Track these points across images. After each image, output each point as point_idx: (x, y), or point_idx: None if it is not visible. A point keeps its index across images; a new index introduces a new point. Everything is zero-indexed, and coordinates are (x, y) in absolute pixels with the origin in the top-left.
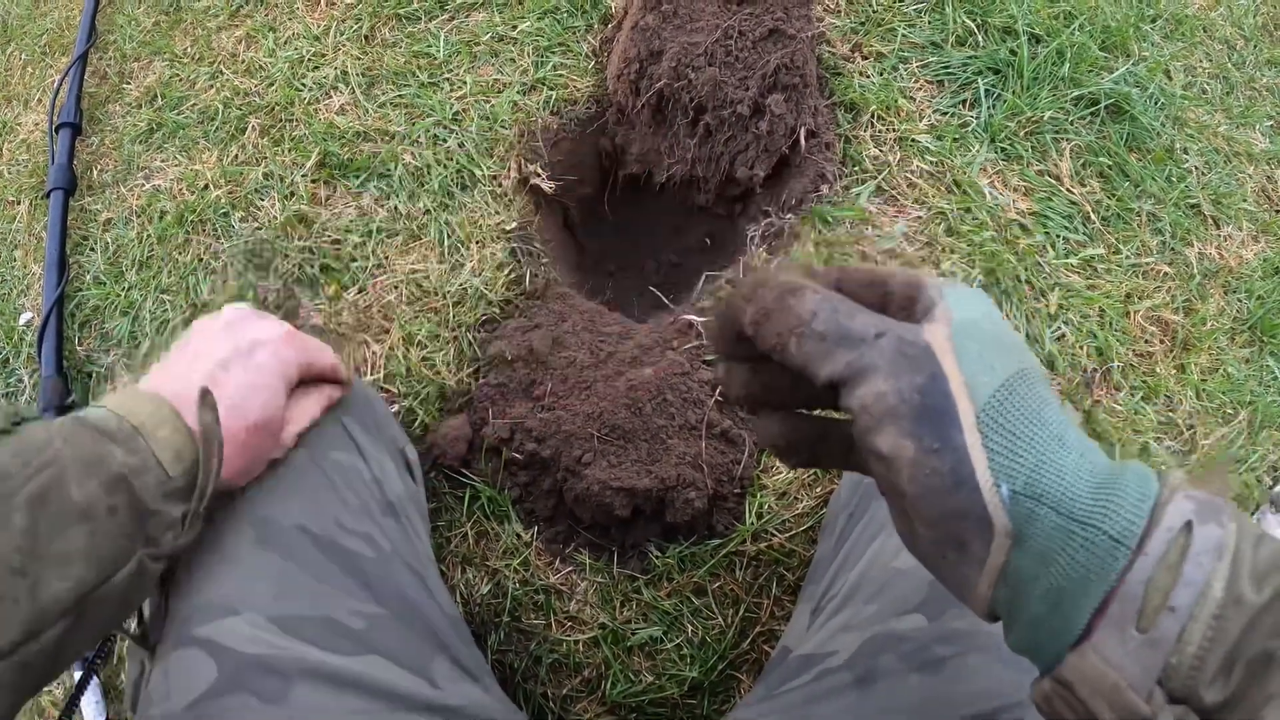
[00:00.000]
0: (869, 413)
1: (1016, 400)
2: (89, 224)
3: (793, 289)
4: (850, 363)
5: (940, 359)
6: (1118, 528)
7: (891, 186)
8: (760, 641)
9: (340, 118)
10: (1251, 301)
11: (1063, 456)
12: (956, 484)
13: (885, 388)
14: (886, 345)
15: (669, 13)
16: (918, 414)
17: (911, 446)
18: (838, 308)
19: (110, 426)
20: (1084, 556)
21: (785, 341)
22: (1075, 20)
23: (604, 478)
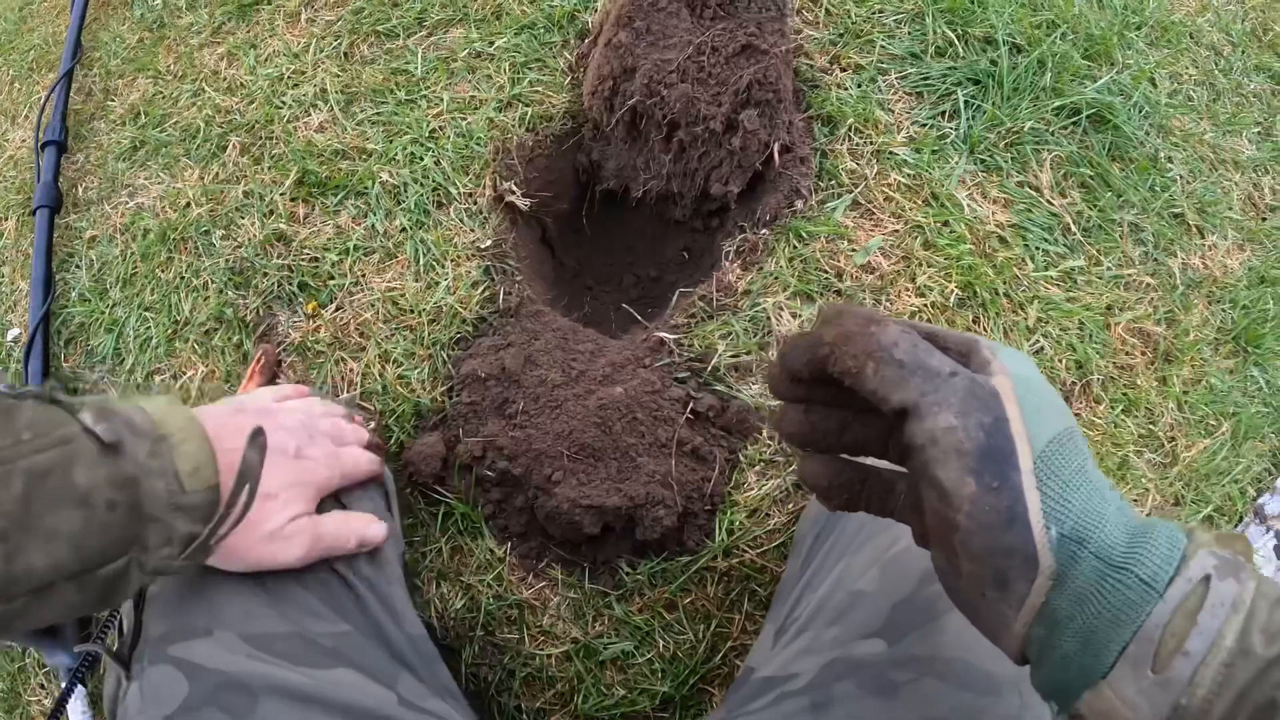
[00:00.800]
0: (937, 445)
1: (1066, 453)
2: (74, 241)
3: (877, 318)
4: (925, 393)
5: (1005, 405)
6: (1148, 572)
7: (868, 200)
8: (731, 656)
9: (319, 135)
10: (1236, 311)
11: (1104, 507)
12: (1010, 521)
13: (956, 423)
14: (959, 384)
15: (642, 29)
16: (982, 452)
17: (973, 483)
18: (917, 343)
19: (140, 424)
20: (1116, 598)
21: (863, 365)
22: (1058, 29)
23: (573, 496)
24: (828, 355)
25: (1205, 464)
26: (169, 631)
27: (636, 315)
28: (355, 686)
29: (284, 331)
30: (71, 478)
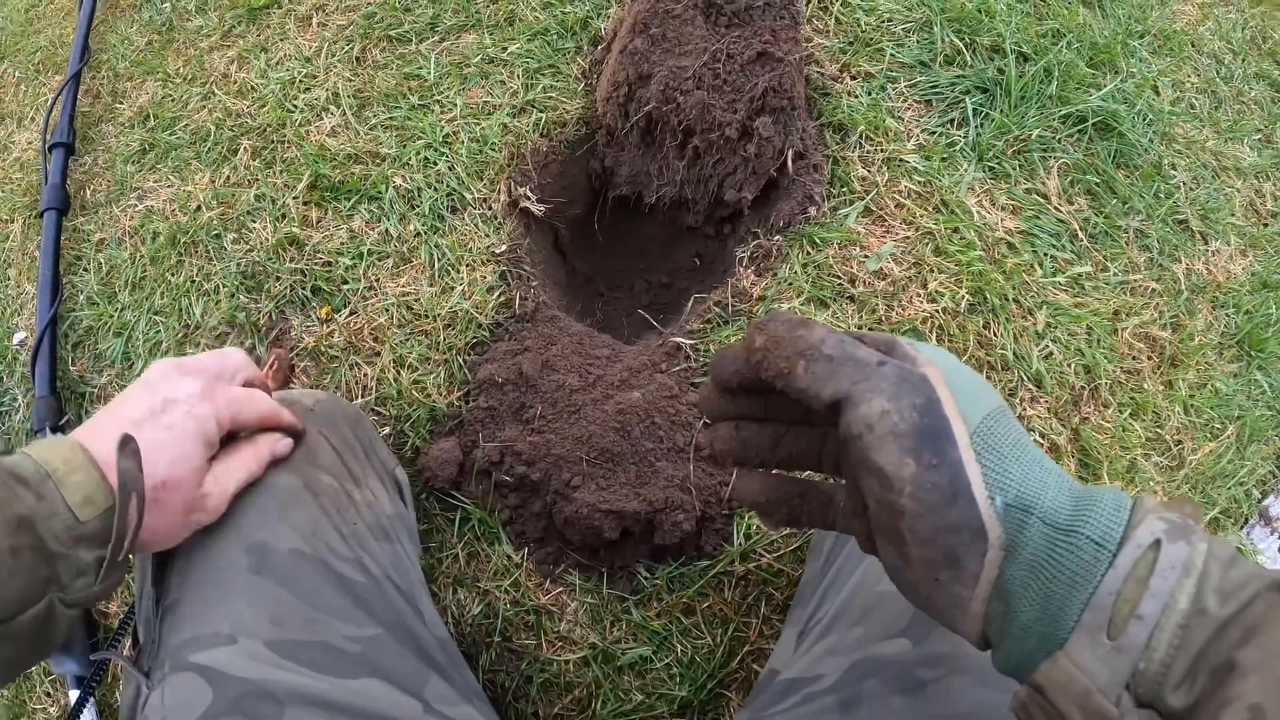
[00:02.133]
0: (873, 430)
1: (1000, 428)
2: (82, 244)
3: (804, 322)
4: (856, 382)
5: (936, 387)
6: (1098, 533)
7: (879, 207)
8: (749, 661)
9: (331, 140)
10: (1240, 316)
11: (1045, 475)
12: (954, 496)
13: (889, 406)
14: (889, 371)
15: (657, 36)
16: (919, 432)
17: (913, 463)
18: (844, 338)
19: (23, 470)
20: (1070, 561)
21: (794, 364)
22: (1063, 38)
23: (593, 500)
24: (759, 361)
25: (1211, 467)
26: (191, 639)
27: (652, 320)
28: (382, 697)
29: (297, 336)
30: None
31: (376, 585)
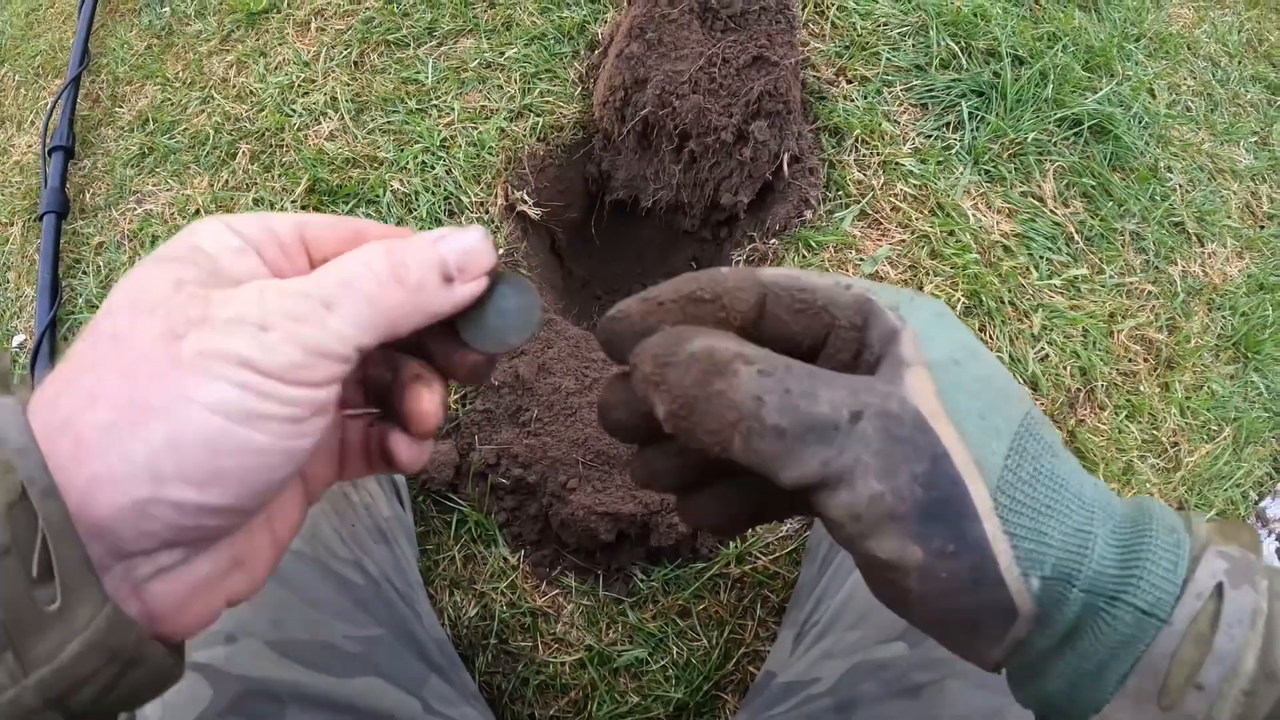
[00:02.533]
0: (860, 520)
1: (1030, 464)
2: (81, 247)
3: (717, 363)
4: (826, 461)
5: (935, 427)
6: (1149, 599)
7: (875, 210)
8: (745, 663)
9: (330, 144)
10: (1236, 318)
11: (1087, 523)
12: (976, 583)
13: (880, 487)
14: (869, 430)
15: (654, 41)
16: (924, 513)
17: (919, 550)
18: (788, 385)
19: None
20: (1111, 636)
21: (727, 440)
22: (1059, 41)
23: (589, 503)
24: (674, 429)
25: (1208, 468)
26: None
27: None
28: (383, 696)
29: None
30: None
31: (375, 586)
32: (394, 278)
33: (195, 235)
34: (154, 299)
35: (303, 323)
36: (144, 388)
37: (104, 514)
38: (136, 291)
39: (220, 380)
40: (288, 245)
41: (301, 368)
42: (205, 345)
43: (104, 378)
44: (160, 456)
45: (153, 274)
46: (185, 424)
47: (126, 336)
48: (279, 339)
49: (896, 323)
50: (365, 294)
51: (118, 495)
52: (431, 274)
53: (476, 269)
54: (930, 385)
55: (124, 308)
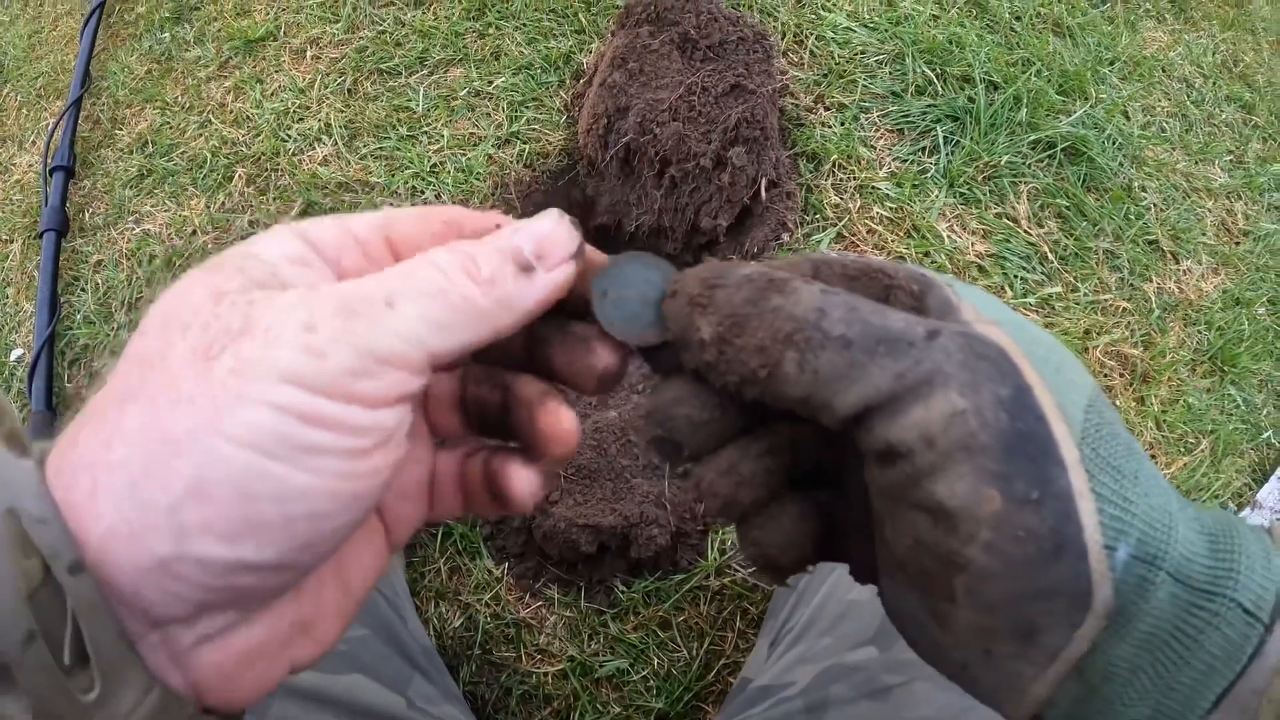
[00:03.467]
0: (934, 445)
1: (1108, 426)
2: (80, 265)
3: (777, 281)
4: (902, 374)
5: (1019, 364)
6: (1251, 597)
7: (851, 233)
8: (725, 673)
9: (323, 168)
10: (1211, 333)
11: (1169, 500)
12: (1057, 549)
13: (963, 404)
14: (950, 344)
15: (635, 70)
16: (1008, 446)
17: (997, 495)
18: (855, 304)
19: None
20: (1212, 639)
21: (777, 360)
22: (1032, 66)
23: (570, 515)
24: (712, 362)
25: (1185, 480)
26: None
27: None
28: (368, 691)
29: None
30: None
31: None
32: (463, 270)
33: (254, 242)
34: (188, 313)
35: (358, 318)
36: (166, 418)
37: (125, 576)
38: (171, 305)
39: (253, 403)
40: (371, 248)
41: (358, 376)
42: (242, 358)
43: (126, 409)
44: (184, 504)
45: (190, 284)
46: (210, 463)
47: (155, 359)
48: (327, 339)
49: (953, 296)
50: (430, 289)
51: (138, 553)
52: (505, 264)
53: (558, 254)
54: (1005, 335)
55: (155, 326)
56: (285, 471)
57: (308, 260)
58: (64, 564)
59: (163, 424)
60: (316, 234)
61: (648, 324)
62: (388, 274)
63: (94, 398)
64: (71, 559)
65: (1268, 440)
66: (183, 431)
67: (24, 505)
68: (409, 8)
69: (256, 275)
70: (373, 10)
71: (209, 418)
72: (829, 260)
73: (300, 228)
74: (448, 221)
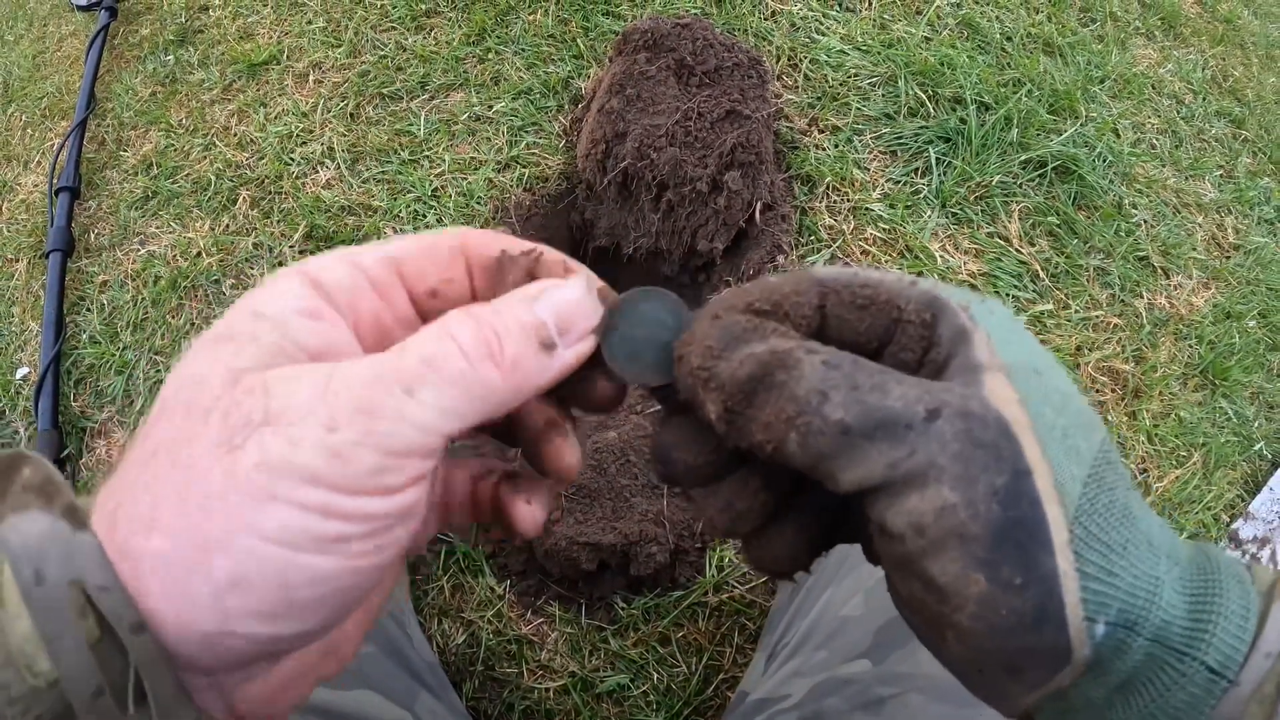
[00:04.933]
0: (924, 534)
1: (1106, 495)
2: (86, 285)
3: (779, 356)
4: (894, 463)
5: (1020, 440)
6: (1218, 657)
7: (846, 254)
8: (724, 689)
9: (326, 192)
10: (1203, 347)
11: (1155, 566)
12: (1038, 623)
13: (954, 498)
14: (947, 430)
15: (632, 96)
16: (997, 535)
17: (983, 580)
18: (856, 380)
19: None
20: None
21: (781, 438)
22: (1023, 86)
23: (571, 534)
24: (725, 432)
25: (1178, 493)
26: None
27: None
28: (376, 706)
29: None
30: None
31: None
32: (486, 355)
33: (259, 299)
34: (207, 399)
35: (378, 417)
36: (200, 517)
37: (173, 643)
38: (190, 388)
39: (282, 504)
40: (383, 286)
41: (380, 474)
42: (265, 456)
43: (159, 500)
44: (225, 594)
45: (206, 363)
46: (248, 559)
47: (181, 447)
48: (350, 441)
49: (968, 323)
50: (452, 375)
51: (183, 629)
52: (528, 344)
53: (581, 328)
54: (1012, 393)
55: (177, 408)
56: (315, 560)
57: (319, 313)
58: (126, 625)
59: (197, 523)
60: (327, 279)
61: (651, 366)
62: (408, 355)
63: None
64: (133, 621)
65: (1259, 452)
66: (220, 532)
67: (87, 576)
68: (410, 33)
69: (269, 343)
70: (374, 35)
71: (241, 517)
72: (838, 288)
73: (309, 272)
74: (453, 249)
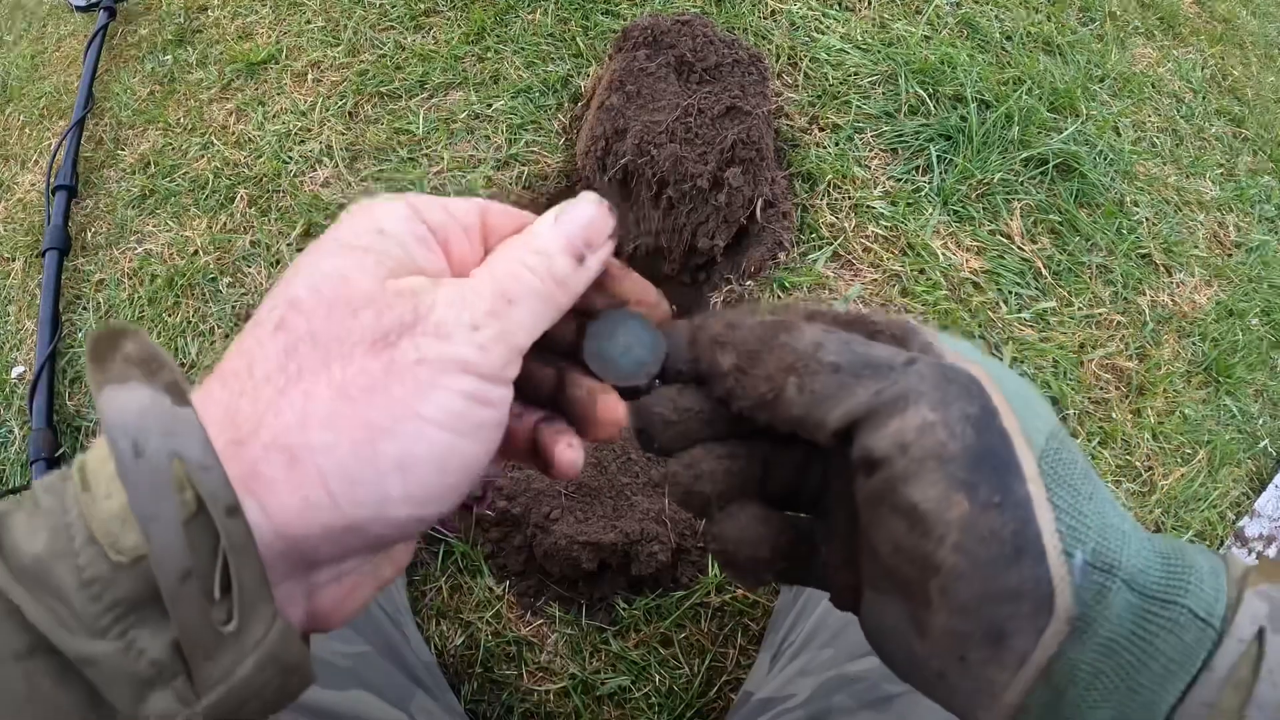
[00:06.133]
0: (907, 452)
1: (1066, 454)
2: (82, 284)
3: (784, 323)
4: (880, 390)
5: (986, 388)
6: (1203, 605)
7: (847, 252)
8: (726, 690)
9: (325, 190)
10: (1206, 344)
11: (1122, 519)
12: (1018, 551)
13: (934, 417)
14: (925, 369)
15: (632, 93)
16: (976, 455)
17: (964, 500)
18: (847, 338)
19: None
20: (1168, 642)
21: (781, 384)
22: (1023, 84)
23: (571, 533)
24: (731, 388)
25: (1183, 491)
26: None
27: None
28: (371, 706)
29: None
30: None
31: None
32: (549, 274)
33: (377, 218)
34: (356, 296)
35: (502, 319)
36: (364, 405)
37: (312, 533)
38: (332, 284)
39: (444, 390)
40: (471, 230)
41: (507, 366)
42: (425, 351)
43: (313, 391)
44: (389, 479)
45: (347, 265)
46: (416, 443)
47: (332, 340)
48: (491, 338)
49: (935, 341)
50: (532, 289)
51: (335, 517)
52: (570, 261)
53: (601, 239)
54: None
55: (319, 304)
56: (464, 443)
57: (428, 241)
58: (222, 507)
59: (362, 411)
60: (428, 215)
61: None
62: (497, 275)
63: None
64: (229, 502)
65: (1264, 449)
66: (384, 417)
67: (188, 452)
68: (409, 32)
69: (398, 256)
70: (373, 34)
71: (408, 405)
72: (823, 312)
73: (414, 205)
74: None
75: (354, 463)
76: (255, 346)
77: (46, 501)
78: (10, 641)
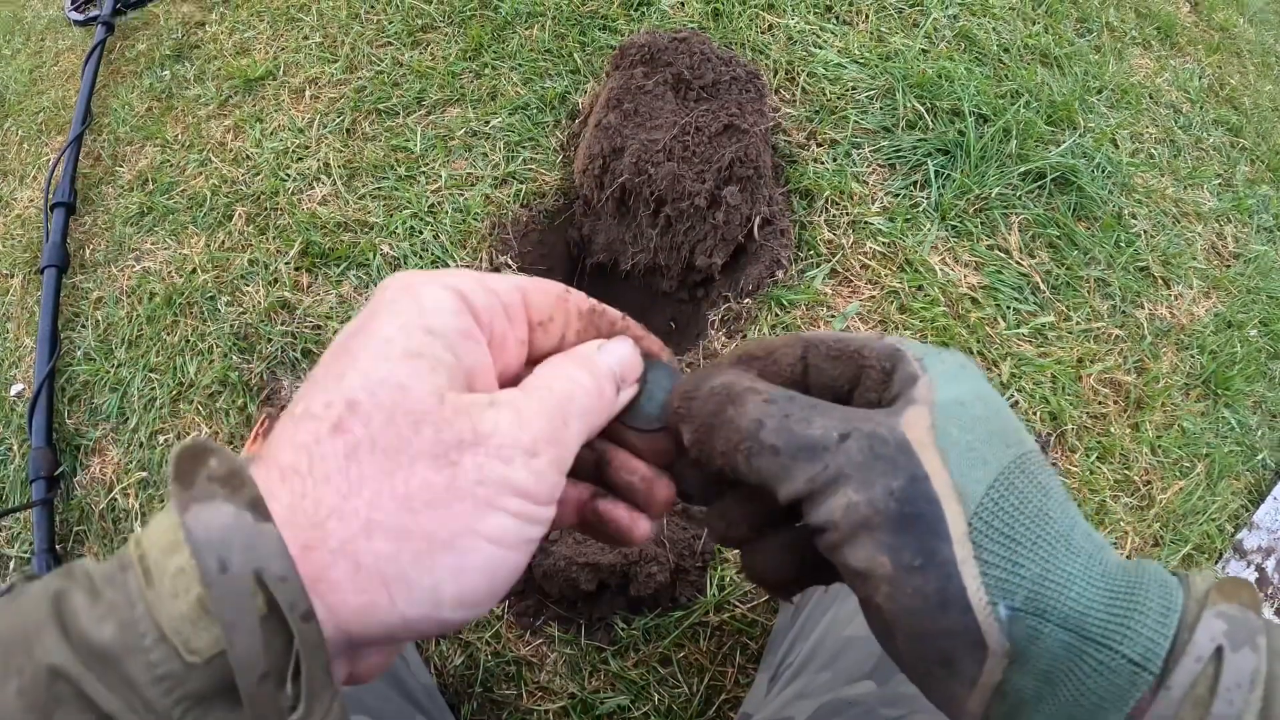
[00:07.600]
0: (838, 528)
1: (1015, 497)
2: (80, 301)
3: (731, 395)
4: (813, 477)
5: (920, 454)
6: (1138, 649)
7: (845, 268)
8: (726, 709)
9: (322, 208)
10: (1204, 356)
11: (1070, 562)
12: (943, 605)
13: (856, 498)
14: (854, 448)
15: (630, 111)
16: (896, 524)
17: (889, 562)
18: (789, 411)
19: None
20: (1097, 682)
21: (734, 460)
22: (1021, 98)
23: (569, 554)
24: (697, 456)
25: (1182, 504)
26: None
27: None
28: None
29: (287, 396)
30: None
31: None
32: (598, 392)
33: (425, 313)
34: (416, 408)
35: (557, 445)
36: (426, 519)
37: (370, 630)
38: (389, 392)
39: (501, 511)
40: (513, 311)
41: (556, 488)
42: (485, 474)
43: (378, 503)
44: (443, 586)
45: (403, 374)
46: (470, 556)
47: (393, 450)
48: (545, 464)
49: (918, 371)
50: (586, 409)
51: (392, 617)
52: (613, 386)
53: (634, 375)
54: (926, 419)
55: (377, 410)
56: (515, 557)
57: (473, 334)
58: (298, 614)
59: (424, 524)
60: (474, 300)
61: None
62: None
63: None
64: (304, 610)
65: (1263, 462)
66: (444, 532)
67: (269, 566)
68: (406, 48)
69: (449, 363)
70: (371, 51)
71: (466, 522)
72: (818, 343)
73: (460, 292)
74: (559, 294)
75: (414, 571)
76: (313, 444)
77: (110, 594)
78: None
